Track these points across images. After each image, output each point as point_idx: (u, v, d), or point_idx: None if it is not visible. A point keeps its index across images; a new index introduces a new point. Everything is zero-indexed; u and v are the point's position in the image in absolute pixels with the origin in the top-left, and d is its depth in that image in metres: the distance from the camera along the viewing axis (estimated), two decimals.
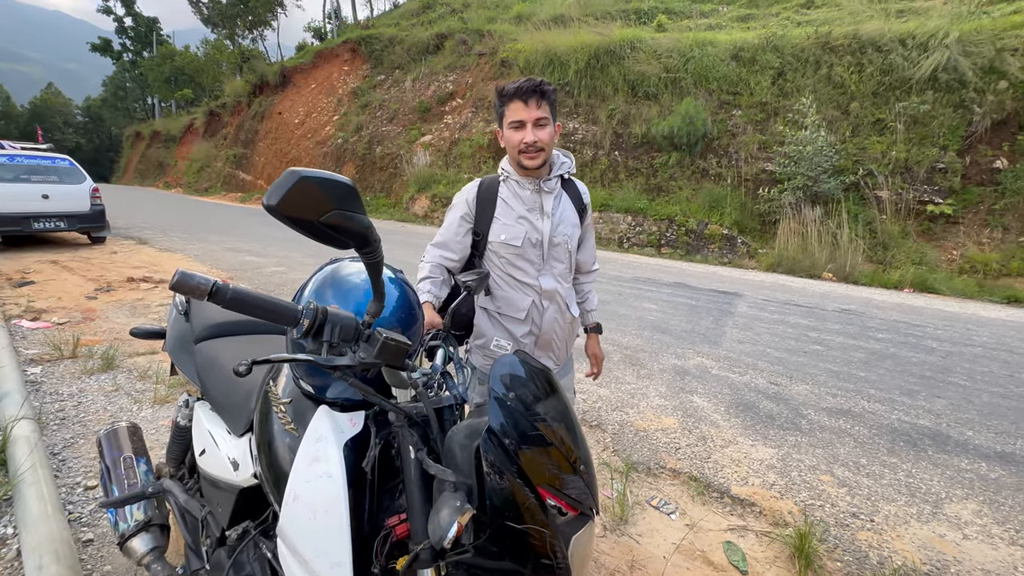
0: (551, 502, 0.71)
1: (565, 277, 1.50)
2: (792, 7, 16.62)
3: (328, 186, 0.57)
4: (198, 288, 0.59)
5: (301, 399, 0.90)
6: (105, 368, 3.08)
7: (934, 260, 8.92)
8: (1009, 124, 9.53)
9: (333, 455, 0.78)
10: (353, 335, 0.70)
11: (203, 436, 1.17)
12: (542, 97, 1.31)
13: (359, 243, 0.63)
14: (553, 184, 1.44)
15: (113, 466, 1.42)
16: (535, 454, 0.71)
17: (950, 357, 4.26)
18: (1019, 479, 2.39)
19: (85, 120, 62.50)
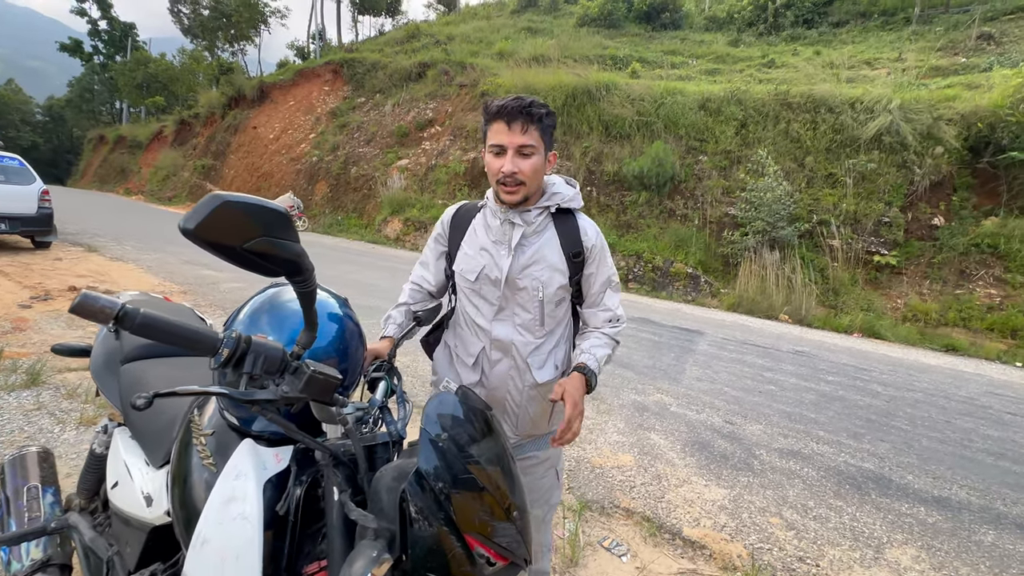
0: (479, 551, 0.67)
1: (530, 329, 1.23)
2: (755, 65, 17.86)
3: (254, 211, 0.54)
4: (102, 312, 0.55)
5: (226, 431, 0.84)
6: (29, 384, 2.84)
7: (880, 307, 9.44)
8: (945, 186, 10.37)
9: (251, 494, 0.72)
10: (278, 367, 0.66)
11: (118, 466, 1.08)
12: (530, 120, 1.11)
13: (289, 271, 0.61)
14: (533, 217, 1.21)
15: (14, 496, 1.28)
16: (466, 499, 0.68)
17: (893, 401, 4.46)
18: (954, 524, 2.47)
19: (45, 119, 59.92)
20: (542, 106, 1.13)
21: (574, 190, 1.27)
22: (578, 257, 1.22)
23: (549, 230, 1.23)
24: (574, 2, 27.98)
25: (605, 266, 1.26)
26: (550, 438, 1.20)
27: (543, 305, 1.21)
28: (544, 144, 1.16)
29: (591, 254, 1.23)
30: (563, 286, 1.22)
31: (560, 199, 1.22)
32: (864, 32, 19.89)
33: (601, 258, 1.25)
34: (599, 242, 1.25)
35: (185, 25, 43.03)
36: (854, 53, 17.61)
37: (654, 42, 22.03)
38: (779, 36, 20.92)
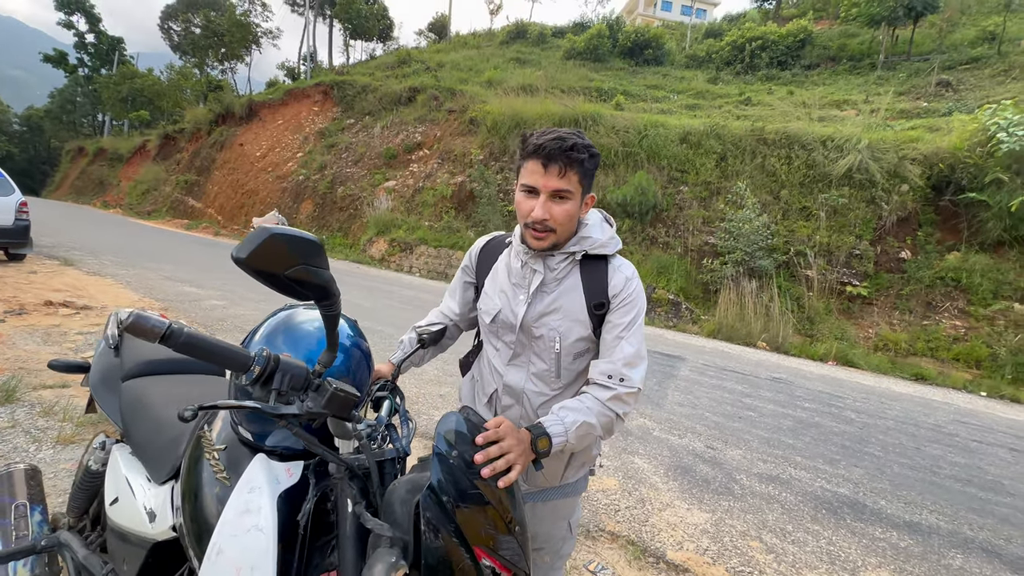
0: (486, 562, 0.72)
1: (544, 380, 1.14)
2: (732, 102, 18.70)
3: (296, 243, 0.61)
4: (152, 331, 0.60)
5: (237, 446, 0.87)
6: (3, 401, 2.76)
7: (853, 336, 9.75)
8: (911, 221, 10.91)
9: (266, 507, 0.76)
10: (303, 384, 0.71)
11: (118, 482, 1.09)
12: (569, 164, 1.00)
13: (319, 296, 0.66)
14: (555, 263, 1.12)
15: (1, 514, 1.27)
16: (473, 513, 0.73)
17: (866, 428, 4.60)
18: (924, 548, 2.56)
19: (22, 129, 58.75)
20: (585, 148, 1.01)
21: (608, 234, 1.14)
22: (601, 309, 1.09)
23: (573, 277, 1.12)
24: (561, 36, 29.06)
25: (626, 313, 1.09)
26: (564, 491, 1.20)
27: (560, 357, 1.12)
28: (582, 188, 1.05)
29: (615, 301, 1.09)
30: (584, 337, 1.10)
31: (589, 244, 1.11)
32: (834, 75, 21.07)
33: (624, 307, 1.09)
34: (627, 290, 1.10)
35: (174, 42, 43.21)
36: (825, 94, 18.60)
37: (637, 76, 22.94)
38: (755, 76, 22.00)
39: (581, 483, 1.25)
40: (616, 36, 25.14)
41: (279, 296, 0.68)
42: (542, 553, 1.25)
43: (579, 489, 1.25)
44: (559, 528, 1.25)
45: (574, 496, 1.24)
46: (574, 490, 1.23)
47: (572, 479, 1.21)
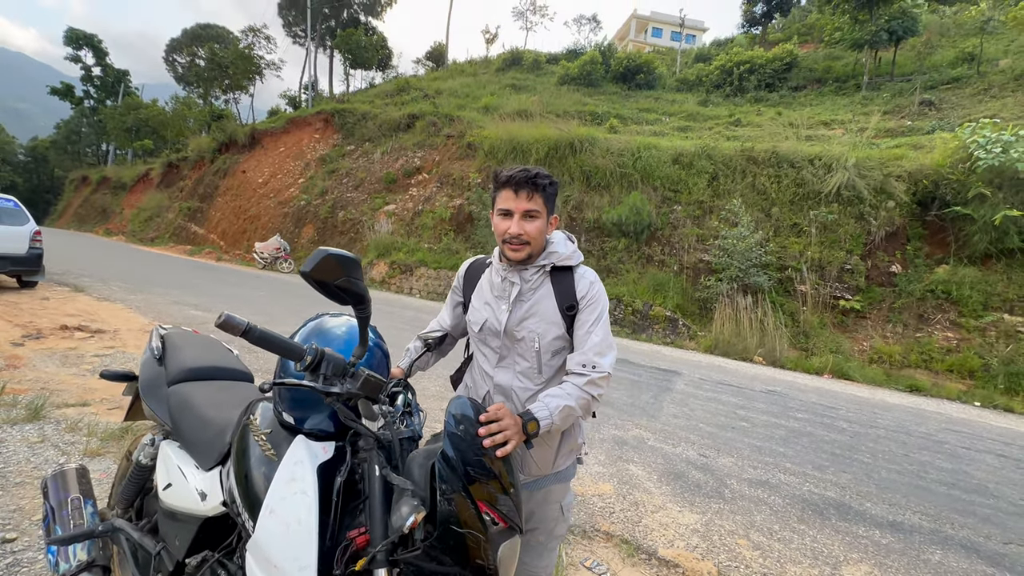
0: (487, 514, 0.89)
1: (529, 377, 1.33)
2: (723, 123, 19.24)
3: (342, 259, 0.81)
4: (237, 327, 0.79)
5: (279, 430, 1.06)
6: (31, 418, 2.92)
7: (848, 350, 9.89)
8: (899, 236, 11.19)
9: (308, 476, 0.94)
10: (342, 371, 0.90)
11: (171, 471, 1.26)
12: (534, 189, 1.25)
13: (356, 301, 0.86)
14: (530, 275, 1.33)
15: (59, 507, 1.43)
16: (477, 475, 0.91)
17: (857, 437, 4.73)
18: (905, 545, 2.69)
19: (27, 160, 59.74)
20: (546, 177, 1.27)
21: (571, 249, 1.37)
22: (571, 310, 1.30)
23: (545, 286, 1.33)
24: (555, 62, 29.99)
25: (592, 311, 1.30)
26: (554, 476, 1.36)
27: (540, 355, 1.31)
28: (547, 210, 1.30)
29: (583, 303, 1.30)
30: (559, 336, 1.30)
31: (556, 258, 1.33)
32: (820, 96, 21.72)
33: (590, 306, 1.30)
34: (591, 292, 1.31)
35: (179, 73, 44.40)
36: (812, 114, 19.17)
37: (630, 100, 23.62)
38: (744, 98, 22.67)
39: (570, 470, 1.43)
40: (609, 62, 25.98)
41: (279, 321, 0.88)
42: (536, 533, 1.40)
43: (569, 475, 1.42)
44: (552, 510, 1.40)
45: (565, 481, 1.41)
46: (564, 476, 1.41)
47: (562, 466, 1.39)
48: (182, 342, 1.69)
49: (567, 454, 1.39)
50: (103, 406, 3.30)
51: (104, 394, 3.50)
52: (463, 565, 0.86)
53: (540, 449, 1.33)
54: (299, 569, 0.86)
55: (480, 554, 0.86)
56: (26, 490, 2.22)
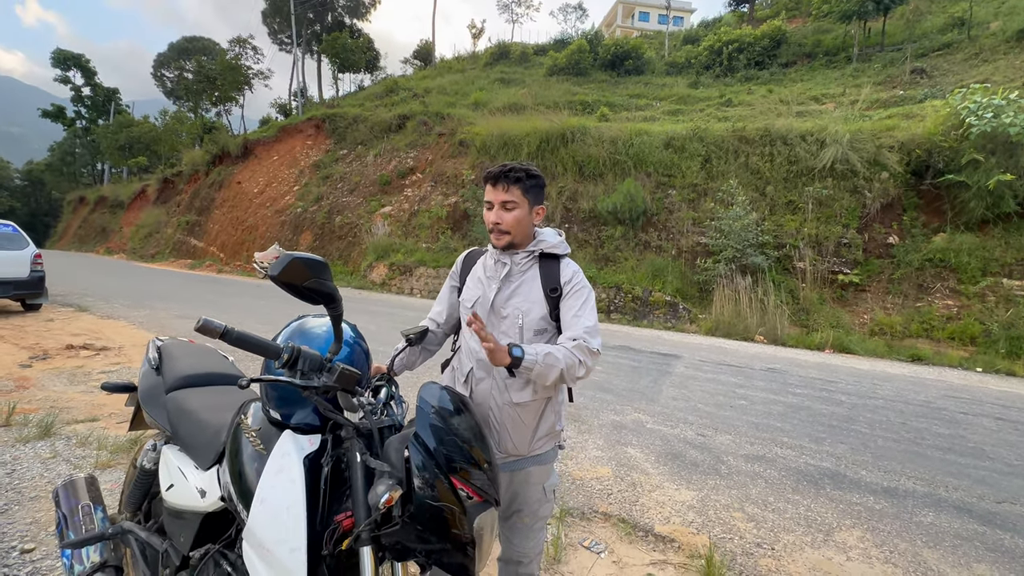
0: (462, 489, 0.96)
1: None
2: (714, 104, 19.16)
3: (309, 263, 0.87)
4: (214, 331, 0.86)
5: (268, 426, 1.12)
6: (42, 436, 3.01)
7: (848, 324, 9.92)
8: (895, 207, 11.17)
9: (295, 466, 1.01)
10: (319, 366, 0.96)
11: (172, 472, 1.33)
12: (508, 181, 1.36)
13: (327, 301, 0.92)
14: (519, 259, 1.43)
15: (70, 514, 1.51)
16: (450, 452, 0.97)
17: (855, 408, 4.79)
18: (898, 509, 2.75)
19: (24, 184, 59.98)
20: (521, 169, 1.38)
21: (559, 239, 1.48)
22: (555, 292, 1.40)
23: (533, 270, 1.44)
24: (543, 53, 29.87)
25: (578, 297, 1.39)
26: (533, 453, 1.41)
27: (522, 331, 1.38)
28: (528, 200, 1.39)
29: (566, 289, 1.40)
30: (543, 316, 1.39)
31: (544, 245, 1.45)
32: (811, 71, 21.59)
33: (576, 292, 1.39)
34: (576, 279, 1.41)
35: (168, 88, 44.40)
36: (803, 90, 19.08)
37: (620, 87, 23.52)
38: (734, 77, 22.55)
39: (550, 454, 1.48)
40: (597, 50, 25.85)
41: (278, 326, 0.94)
42: (521, 515, 1.44)
43: (548, 459, 1.47)
44: (535, 492, 1.45)
45: (543, 464, 1.45)
46: (544, 459, 1.46)
47: (540, 450, 1.44)
48: (178, 352, 1.75)
49: (545, 438, 1.44)
50: (111, 420, 3.39)
51: (112, 408, 3.59)
52: (442, 537, 0.93)
53: (517, 430, 1.39)
54: (290, 551, 0.93)
55: (457, 525, 0.92)
56: (41, 504, 2.30)
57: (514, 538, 1.46)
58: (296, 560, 0.93)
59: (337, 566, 0.98)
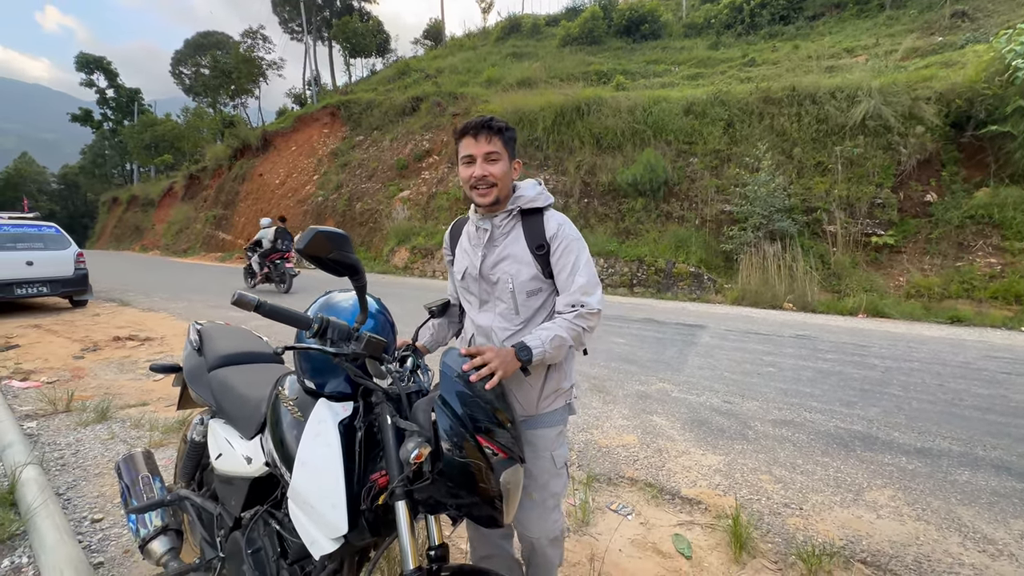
0: (487, 447, 1.01)
1: (507, 318, 1.38)
2: (736, 65, 18.36)
3: (331, 236, 0.91)
4: (248, 304, 0.92)
5: (304, 396, 1.19)
6: (99, 420, 3.23)
7: (883, 287, 9.59)
8: (933, 162, 10.60)
9: (331, 431, 1.07)
10: (346, 335, 1.02)
11: (220, 443, 1.43)
12: (491, 132, 1.29)
13: (351, 272, 0.97)
14: (499, 221, 1.38)
15: (132, 484, 1.64)
16: (474, 412, 1.02)
17: (889, 372, 4.68)
18: (932, 469, 2.72)
19: (60, 187, 62.56)
20: (500, 121, 1.32)
21: (537, 190, 1.39)
22: (541, 249, 1.33)
23: (516, 230, 1.37)
24: (555, 24, 29.02)
25: (569, 253, 1.32)
26: (541, 419, 1.38)
27: (515, 295, 1.35)
28: (508, 153, 1.33)
29: (554, 243, 1.33)
30: (534, 277, 1.35)
31: (523, 201, 1.37)
32: (840, 22, 20.38)
33: (565, 247, 1.32)
34: (562, 233, 1.33)
35: (186, 85, 45.16)
36: (832, 44, 18.06)
37: (636, 54, 22.74)
38: (757, 35, 21.49)
39: (557, 415, 1.41)
40: (611, 16, 24.96)
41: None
42: (528, 490, 1.35)
43: (556, 420, 1.41)
44: (542, 461, 1.37)
45: (551, 427, 1.40)
46: (550, 421, 1.40)
47: (547, 409, 1.39)
48: (217, 333, 1.86)
49: (552, 395, 1.39)
50: (160, 404, 3.60)
51: (159, 394, 3.81)
52: (471, 491, 0.98)
53: (521, 388, 1.36)
54: (331, 507, 1.00)
55: (484, 480, 0.98)
56: (105, 479, 2.49)
57: (523, 517, 1.38)
58: (338, 514, 1.00)
59: (375, 520, 1.05)
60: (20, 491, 2.19)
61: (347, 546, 1.04)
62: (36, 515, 1.98)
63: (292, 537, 1.14)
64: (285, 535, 1.19)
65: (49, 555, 1.75)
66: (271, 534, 1.24)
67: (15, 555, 1.89)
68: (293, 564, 1.19)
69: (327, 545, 1.01)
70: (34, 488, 2.17)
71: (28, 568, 1.82)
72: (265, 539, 1.25)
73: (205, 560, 1.41)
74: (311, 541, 1.03)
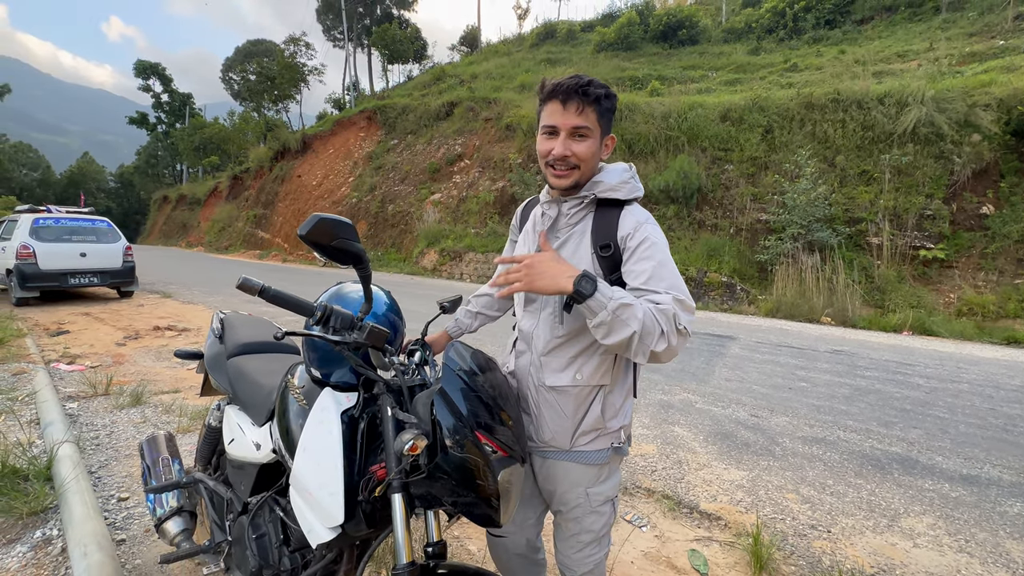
0: (486, 444, 0.98)
1: (550, 325, 1.14)
2: (776, 71, 17.84)
3: (334, 223, 0.91)
4: (253, 288, 0.93)
5: (311, 385, 1.20)
6: (134, 404, 3.38)
7: (931, 303, 9.06)
8: (990, 172, 9.98)
9: (333, 419, 1.07)
10: (349, 324, 1.02)
11: (232, 429, 1.46)
12: (586, 101, 1.03)
13: (355, 261, 0.97)
14: (569, 208, 1.14)
15: (153, 465, 1.70)
16: (474, 408, 1.00)
17: (934, 392, 4.39)
18: (978, 498, 2.52)
19: (117, 186, 66.53)
20: (601, 86, 1.05)
21: (622, 177, 1.12)
22: (607, 250, 1.07)
23: (585, 222, 1.12)
24: (591, 30, 28.94)
25: (645, 258, 1.02)
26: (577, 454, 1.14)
27: (561, 303, 1.10)
28: (601, 128, 1.08)
29: (626, 246, 1.05)
30: None
31: (601, 188, 1.10)
32: (891, 26, 19.54)
33: (641, 250, 1.03)
34: (640, 233, 1.05)
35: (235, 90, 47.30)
36: (881, 48, 17.31)
37: (672, 59, 22.41)
38: (800, 40, 20.83)
39: (597, 455, 1.17)
40: (647, 21, 24.71)
41: None
42: (563, 517, 1.23)
43: (593, 460, 1.17)
44: (574, 493, 1.18)
45: (588, 465, 1.17)
46: (587, 459, 1.16)
47: (583, 447, 1.15)
48: (238, 323, 1.91)
49: (592, 434, 1.15)
50: (191, 392, 3.74)
51: (191, 382, 3.96)
52: (468, 488, 0.96)
53: (555, 419, 1.15)
54: (329, 495, 1.00)
55: (482, 477, 0.95)
56: (133, 460, 2.60)
57: (559, 542, 1.27)
58: (335, 503, 1.00)
59: (373, 512, 1.04)
60: (56, 467, 2.30)
61: (345, 536, 1.04)
62: (68, 491, 2.07)
63: (294, 525, 1.15)
64: (288, 522, 1.20)
65: (76, 529, 1.82)
66: (275, 520, 1.25)
67: (47, 527, 1.99)
68: (295, 552, 1.20)
69: (324, 534, 1.01)
70: (68, 465, 2.28)
71: (57, 540, 1.90)
72: (269, 525, 1.26)
73: (215, 542, 1.44)
74: (309, 529, 1.03)
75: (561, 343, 1.14)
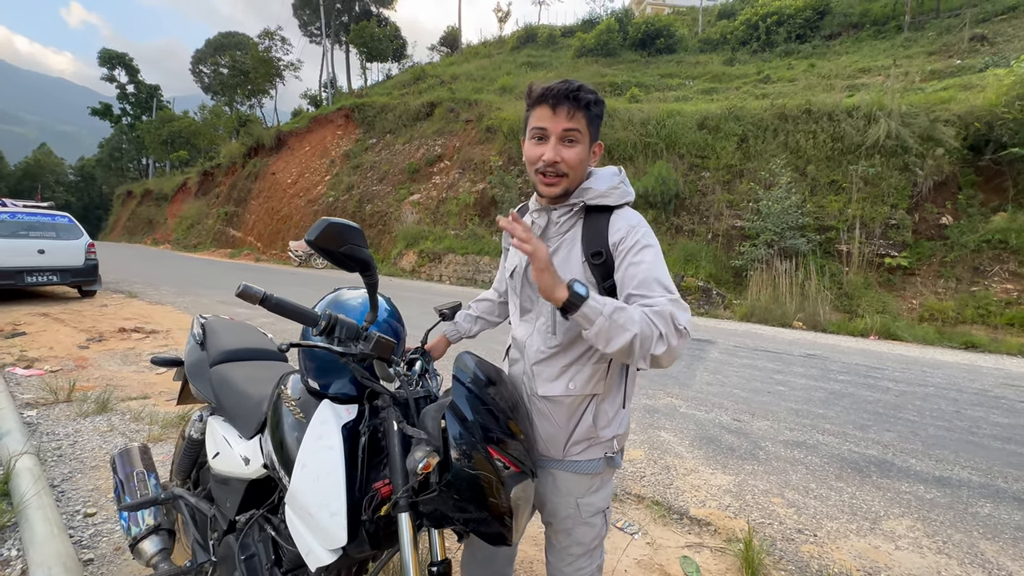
0: (498, 459, 0.95)
1: (543, 335, 1.13)
2: (751, 82, 18.36)
3: (343, 229, 0.86)
4: (254, 296, 0.87)
5: (307, 396, 1.14)
6: (99, 411, 3.20)
7: (896, 309, 9.44)
8: (949, 185, 10.48)
9: (334, 433, 1.02)
10: (355, 334, 0.97)
11: (217, 441, 1.38)
12: (577, 106, 1.01)
13: (362, 268, 0.92)
14: (559, 216, 1.12)
15: (127, 480, 1.59)
16: (486, 422, 0.96)
17: (903, 396, 4.56)
18: (952, 499, 2.61)
19: (77, 179, 63.53)
20: (591, 92, 1.03)
21: (611, 183, 1.10)
22: (598, 258, 1.05)
23: (575, 230, 1.10)
24: (571, 35, 29.20)
25: (637, 263, 1.00)
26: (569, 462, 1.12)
27: (554, 311, 1.08)
28: (590, 134, 1.06)
29: (617, 252, 1.03)
30: None
31: (590, 195, 1.08)
32: (857, 43, 20.34)
33: (632, 254, 1.01)
34: (632, 238, 1.02)
35: (205, 83, 45.89)
36: (848, 63, 18.02)
37: (651, 67, 22.80)
38: (773, 52, 21.50)
39: (589, 465, 1.14)
40: (626, 29, 25.08)
41: None
42: (553, 528, 1.20)
43: (585, 470, 1.14)
44: (564, 503, 1.15)
45: (579, 474, 1.14)
46: (579, 469, 1.14)
47: (575, 457, 1.13)
48: (220, 328, 1.81)
49: (584, 443, 1.12)
50: (161, 398, 3.57)
51: (161, 387, 3.78)
52: (479, 506, 0.92)
53: (546, 427, 1.13)
54: (330, 515, 0.95)
55: (494, 494, 0.91)
56: (101, 472, 2.45)
57: (550, 555, 1.22)
58: (336, 523, 0.94)
59: (376, 532, 0.99)
60: (14, 481, 2.15)
61: (344, 558, 0.99)
62: (28, 507, 1.93)
63: (288, 545, 1.09)
64: (280, 542, 1.13)
65: (39, 549, 1.70)
66: (266, 540, 1.18)
67: (4, 547, 1.85)
68: (287, 573, 1.13)
69: (324, 556, 0.95)
70: (28, 479, 2.13)
71: (16, 562, 1.77)
72: (259, 545, 1.19)
73: (196, 563, 1.35)
74: (307, 551, 0.97)
75: (555, 352, 1.12)
